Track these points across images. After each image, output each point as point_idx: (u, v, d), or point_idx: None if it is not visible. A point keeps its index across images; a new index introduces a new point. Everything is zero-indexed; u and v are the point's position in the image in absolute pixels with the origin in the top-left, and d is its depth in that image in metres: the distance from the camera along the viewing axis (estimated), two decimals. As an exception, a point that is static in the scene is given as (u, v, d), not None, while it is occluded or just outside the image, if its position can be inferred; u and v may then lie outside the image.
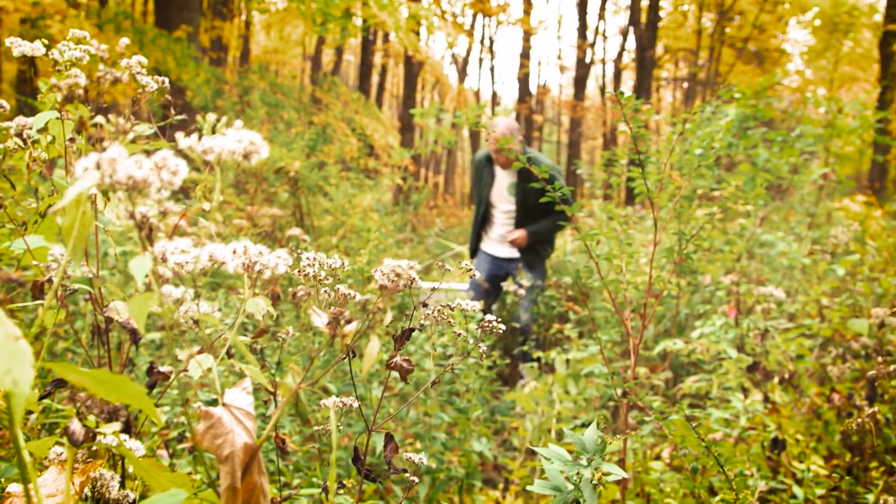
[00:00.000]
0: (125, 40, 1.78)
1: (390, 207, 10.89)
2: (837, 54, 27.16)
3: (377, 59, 28.21)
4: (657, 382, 4.53)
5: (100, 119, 0.99)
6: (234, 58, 24.20)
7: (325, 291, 1.41)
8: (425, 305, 1.52)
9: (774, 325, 3.78)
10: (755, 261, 6.09)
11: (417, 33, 14.01)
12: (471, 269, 1.58)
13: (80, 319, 4.06)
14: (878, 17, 21.72)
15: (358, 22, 13.81)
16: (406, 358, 1.47)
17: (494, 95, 33.99)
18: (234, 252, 1.01)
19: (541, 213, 6.53)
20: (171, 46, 11.10)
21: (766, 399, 3.65)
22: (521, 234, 6.53)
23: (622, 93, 2.08)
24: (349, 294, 1.46)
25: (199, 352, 1.19)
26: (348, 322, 1.03)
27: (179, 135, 0.91)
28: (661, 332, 5.70)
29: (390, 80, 35.79)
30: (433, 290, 1.59)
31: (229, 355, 2.58)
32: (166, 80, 1.66)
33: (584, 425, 4.14)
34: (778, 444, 3.40)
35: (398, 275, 1.16)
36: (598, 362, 4.28)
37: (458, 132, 32.44)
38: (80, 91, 1.30)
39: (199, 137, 0.91)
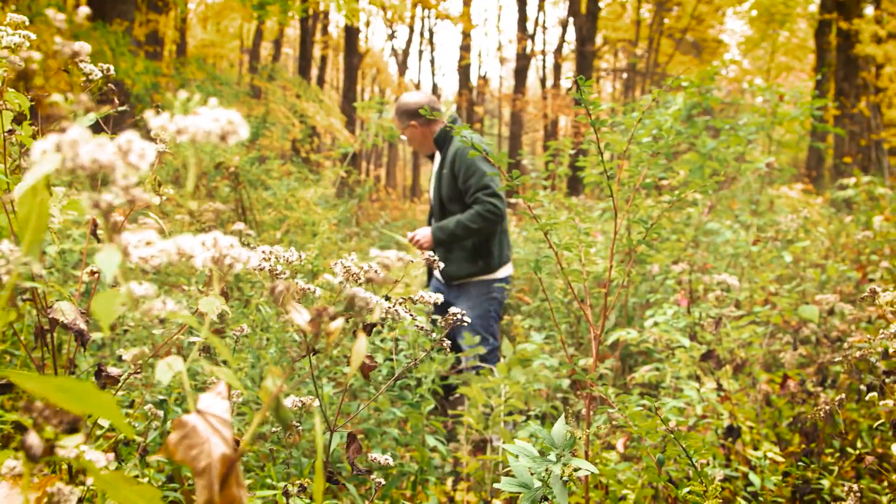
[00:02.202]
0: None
1: (333, 201, 10.77)
2: (774, 44, 27.60)
3: (316, 51, 28.02)
4: (605, 371, 4.52)
5: (57, 97, 0.91)
6: (170, 52, 23.80)
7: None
8: (388, 298, 1.46)
9: (726, 314, 3.79)
10: (700, 249, 6.12)
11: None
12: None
13: (19, 321, 3.90)
14: (814, 8, 22.10)
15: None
16: (369, 355, 1.41)
17: (435, 87, 34.00)
18: (203, 244, 0.93)
19: (461, 207, 4.94)
20: (108, 37, 10.85)
21: (720, 387, 3.65)
22: (422, 232, 4.91)
23: (582, 78, 2.04)
24: (308, 289, 1.40)
25: (148, 354, 1.11)
26: (333, 319, 0.96)
27: (149, 113, 0.83)
28: (609, 322, 5.70)
29: (330, 72, 35.58)
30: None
31: (209, 353, 2.49)
32: (112, 67, 1.58)
33: (537, 417, 4.12)
34: (732, 432, 3.40)
35: (386, 267, 1.10)
36: (542, 354, 4.24)
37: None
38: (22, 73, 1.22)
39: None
